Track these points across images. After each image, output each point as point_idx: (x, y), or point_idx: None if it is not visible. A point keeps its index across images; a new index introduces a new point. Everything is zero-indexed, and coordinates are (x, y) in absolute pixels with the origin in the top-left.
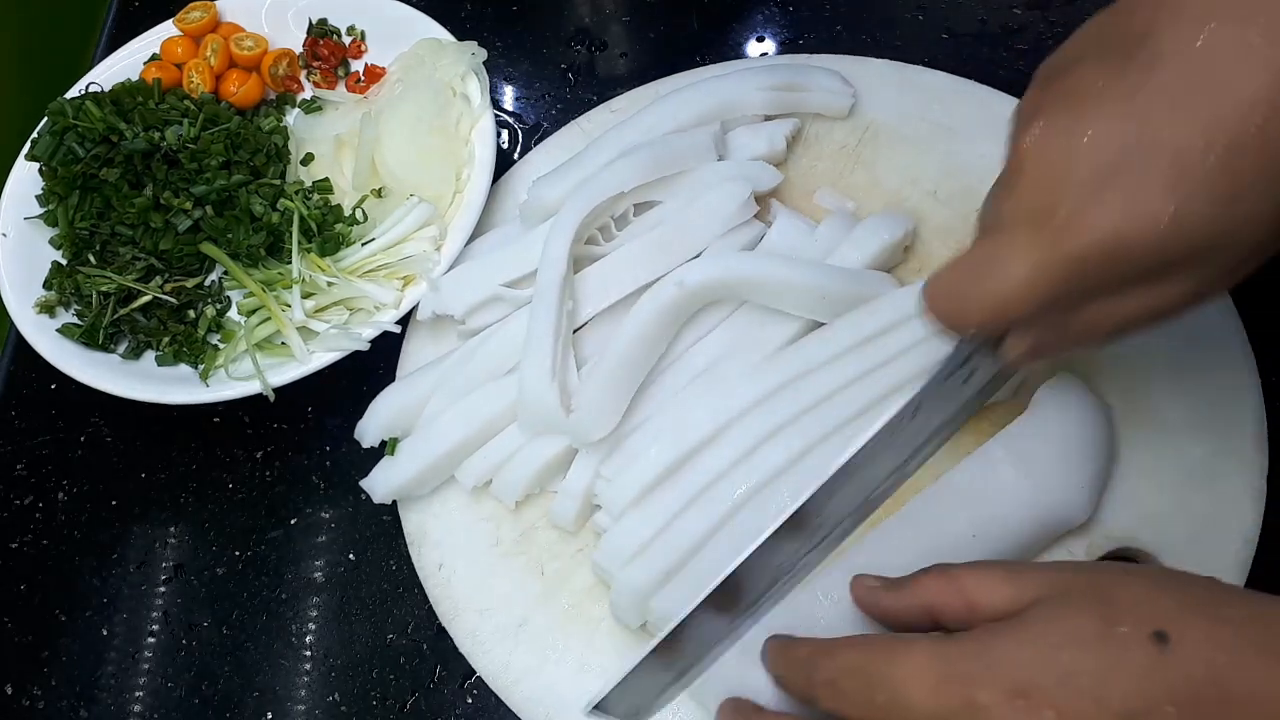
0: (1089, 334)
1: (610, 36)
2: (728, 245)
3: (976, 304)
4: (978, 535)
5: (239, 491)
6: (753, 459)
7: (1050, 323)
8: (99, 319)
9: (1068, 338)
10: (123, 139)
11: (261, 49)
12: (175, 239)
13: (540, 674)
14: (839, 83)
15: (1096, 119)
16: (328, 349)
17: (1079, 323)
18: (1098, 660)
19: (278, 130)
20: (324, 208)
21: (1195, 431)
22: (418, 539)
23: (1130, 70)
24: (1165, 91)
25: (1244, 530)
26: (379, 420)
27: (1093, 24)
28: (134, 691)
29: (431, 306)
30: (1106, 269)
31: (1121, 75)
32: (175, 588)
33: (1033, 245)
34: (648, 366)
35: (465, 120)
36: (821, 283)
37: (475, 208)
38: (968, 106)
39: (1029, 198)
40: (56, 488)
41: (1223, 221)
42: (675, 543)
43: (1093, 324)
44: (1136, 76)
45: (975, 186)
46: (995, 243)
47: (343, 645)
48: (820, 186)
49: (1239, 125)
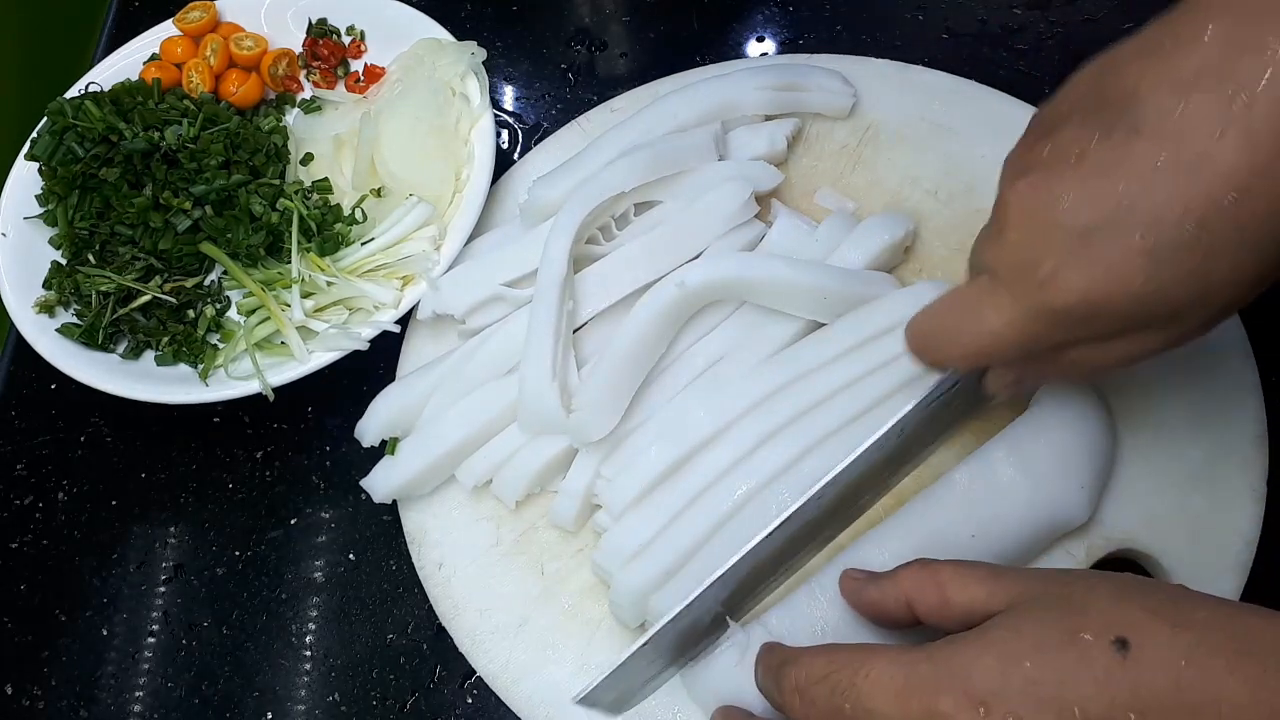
0: (1068, 374)
1: (610, 36)
2: (728, 245)
3: (955, 348)
4: (977, 535)
5: (239, 491)
6: (753, 459)
7: (1030, 363)
8: (98, 319)
9: (1047, 375)
10: (122, 139)
11: (261, 49)
12: (175, 239)
13: (540, 673)
14: (840, 83)
15: (1077, 182)
16: (327, 349)
17: (1058, 364)
18: (1059, 668)
19: (277, 130)
20: (323, 207)
21: (1195, 432)
22: (418, 538)
23: (1113, 135)
24: (1143, 160)
25: (1244, 532)
26: (379, 420)
27: (1083, 77)
28: (134, 691)
29: (432, 306)
30: (1084, 324)
31: (1104, 140)
32: (175, 588)
33: (1012, 298)
34: (648, 367)
35: (465, 120)
36: (822, 283)
37: (474, 207)
38: (968, 107)
39: (1012, 251)
40: (56, 488)
41: (1197, 286)
42: (675, 543)
43: (1071, 365)
44: (1119, 141)
45: (975, 187)
46: (977, 290)
47: (343, 645)
48: (821, 186)
49: (1213, 197)
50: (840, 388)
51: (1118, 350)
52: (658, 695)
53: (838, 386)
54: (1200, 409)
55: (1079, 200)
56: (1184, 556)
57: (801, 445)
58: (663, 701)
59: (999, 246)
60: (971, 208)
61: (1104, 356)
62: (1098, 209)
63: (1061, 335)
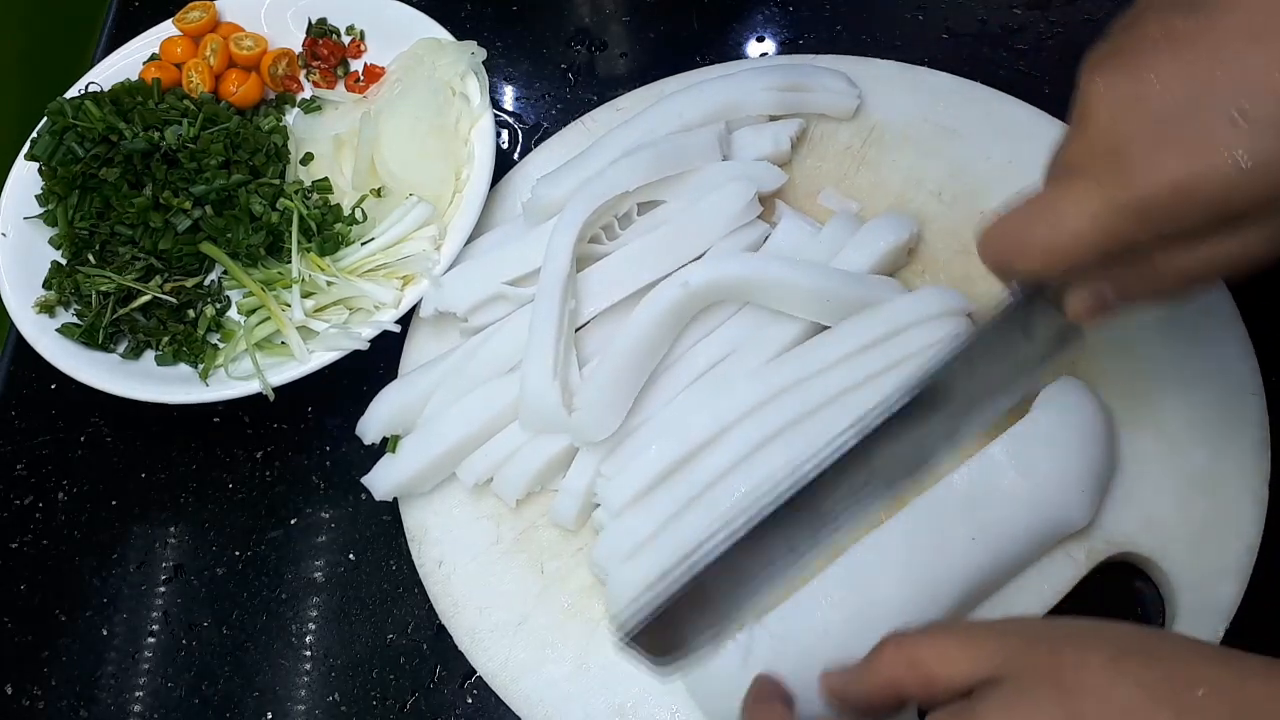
0: (1155, 286)
1: (610, 36)
2: (732, 246)
3: (1032, 251)
4: (977, 538)
5: (239, 491)
6: (753, 461)
7: (1113, 275)
8: (98, 319)
9: (1133, 290)
10: (122, 139)
11: (261, 49)
12: (175, 239)
13: (539, 672)
14: (844, 83)
15: (1162, 64)
16: (327, 348)
17: (1144, 274)
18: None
19: (277, 130)
20: (323, 207)
21: (1196, 435)
22: (418, 536)
23: (1197, 15)
24: (1232, 34)
25: (1245, 535)
26: (380, 417)
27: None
28: (134, 691)
29: (434, 304)
30: (1173, 215)
31: (1188, 20)
32: (175, 588)
33: (1096, 191)
34: (651, 367)
35: (464, 120)
36: (826, 286)
37: (474, 207)
38: (973, 109)
39: (1093, 144)
40: (56, 488)
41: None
42: (672, 543)
43: (1159, 276)
44: (1203, 20)
45: (979, 189)
46: (1057, 187)
47: (343, 645)
48: (824, 187)
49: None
50: (843, 391)
51: (1210, 252)
52: (658, 696)
53: (840, 390)
54: (1201, 412)
55: (1166, 79)
56: (1185, 560)
57: (802, 449)
58: (663, 702)
59: (1079, 139)
60: (975, 209)
61: (1195, 262)
62: (1186, 86)
63: (1150, 231)
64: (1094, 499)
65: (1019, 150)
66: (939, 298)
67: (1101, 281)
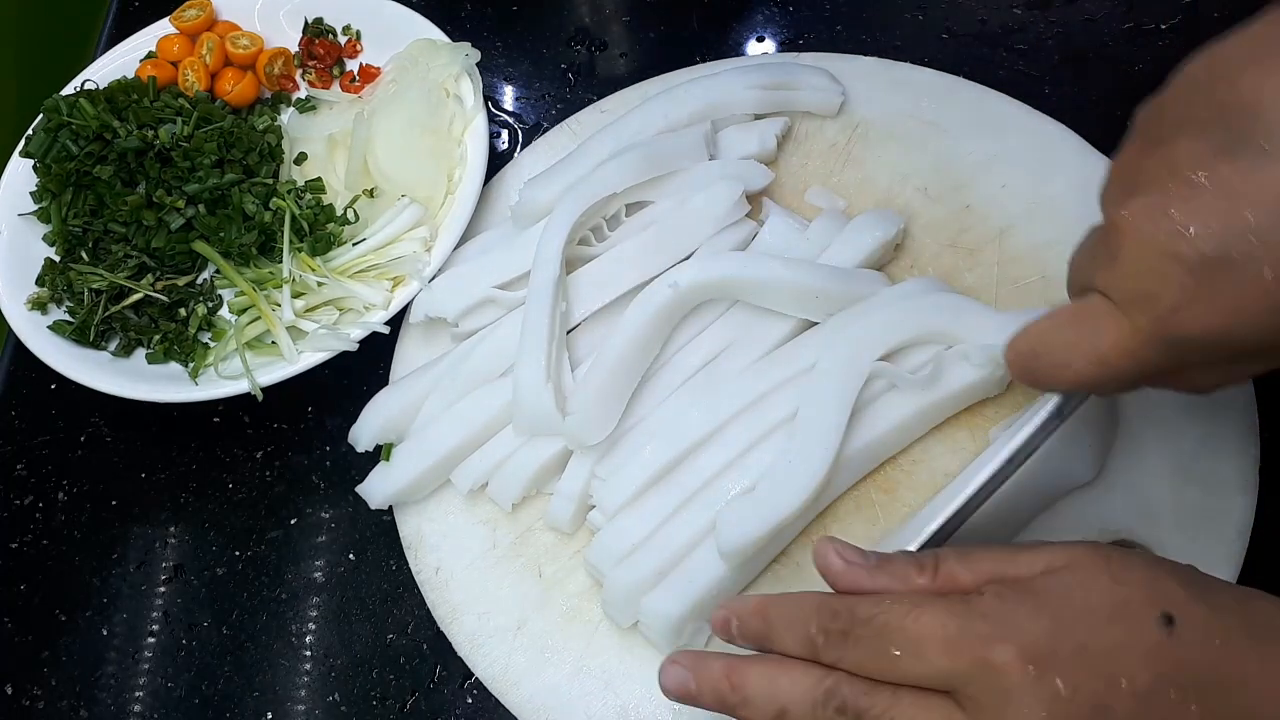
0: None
1: (610, 36)
2: (720, 245)
3: (1065, 372)
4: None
5: (239, 491)
6: (746, 460)
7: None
8: (90, 316)
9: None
10: (116, 137)
11: (257, 48)
12: (167, 237)
13: (539, 676)
14: (828, 81)
15: (1202, 210)
16: (316, 349)
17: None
18: (1110, 637)
19: (271, 129)
20: (316, 207)
21: (1187, 423)
22: (414, 543)
23: (1238, 156)
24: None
25: (1237, 522)
26: (372, 424)
27: (1190, 78)
28: (134, 691)
29: (424, 309)
30: (1204, 353)
31: (1228, 159)
32: (175, 588)
33: (1129, 325)
34: (643, 368)
35: (458, 121)
36: (814, 282)
37: (466, 209)
38: (957, 104)
39: (1129, 279)
40: (56, 488)
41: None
42: (667, 543)
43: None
44: (1245, 164)
45: (965, 183)
46: (1088, 312)
47: (343, 645)
48: (811, 185)
49: None
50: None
51: (1242, 371)
52: (660, 696)
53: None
54: (1191, 399)
55: (1203, 231)
56: (1178, 547)
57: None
58: (665, 702)
59: (1113, 272)
60: (961, 204)
61: (1227, 376)
62: (1224, 241)
63: (1179, 361)
64: (1098, 455)
65: (1004, 144)
66: (927, 288)
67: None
